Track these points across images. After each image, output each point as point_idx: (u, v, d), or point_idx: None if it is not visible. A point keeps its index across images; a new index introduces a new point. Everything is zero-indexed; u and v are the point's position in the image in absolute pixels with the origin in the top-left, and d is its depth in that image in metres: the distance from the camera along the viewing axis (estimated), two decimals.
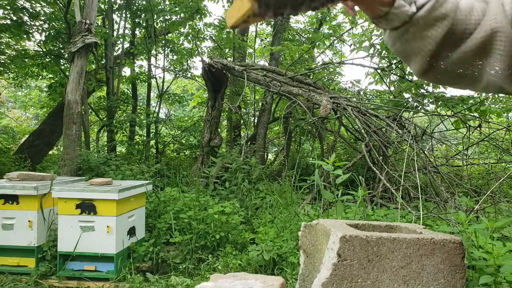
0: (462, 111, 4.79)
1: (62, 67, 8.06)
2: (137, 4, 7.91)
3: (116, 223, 3.07)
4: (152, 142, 8.01)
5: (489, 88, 0.84)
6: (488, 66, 0.80)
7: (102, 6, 8.03)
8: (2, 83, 13.90)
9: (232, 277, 1.54)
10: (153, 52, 8.69)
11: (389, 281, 1.61)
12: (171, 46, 8.58)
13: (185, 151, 8.83)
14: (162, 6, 7.67)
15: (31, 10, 6.96)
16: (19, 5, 6.78)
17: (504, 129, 4.98)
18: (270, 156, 10.41)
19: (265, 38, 11.30)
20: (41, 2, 7.02)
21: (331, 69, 8.27)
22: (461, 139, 5.83)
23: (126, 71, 9.55)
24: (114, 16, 8.23)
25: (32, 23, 7.17)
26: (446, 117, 4.83)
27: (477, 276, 2.18)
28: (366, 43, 5.74)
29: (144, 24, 8.10)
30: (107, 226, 3.05)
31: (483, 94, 5.02)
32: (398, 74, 5.87)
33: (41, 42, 7.75)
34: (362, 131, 4.65)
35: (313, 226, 2.03)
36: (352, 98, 5.66)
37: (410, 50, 0.85)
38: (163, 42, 8.37)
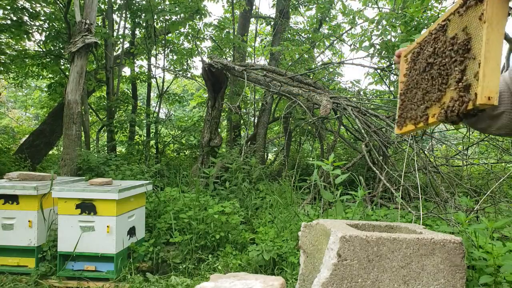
0: None
1: (62, 67, 8.06)
2: (137, 4, 7.91)
3: (116, 223, 3.07)
4: (152, 142, 8.00)
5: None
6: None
7: (102, 6, 8.03)
8: (2, 83, 13.90)
9: (232, 277, 1.54)
10: (153, 52, 8.69)
11: (389, 281, 1.61)
12: (171, 46, 8.58)
13: (185, 151, 8.83)
14: (162, 6, 7.67)
15: (31, 10, 6.95)
16: (19, 5, 6.77)
17: None
18: (270, 156, 10.41)
19: (265, 37, 11.30)
20: (41, 2, 7.01)
21: (331, 69, 8.27)
22: (461, 139, 5.83)
23: (126, 71, 9.56)
24: (114, 16, 8.23)
25: (32, 23, 7.17)
26: None
27: (477, 276, 2.18)
28: (366, 43, 5.73)
29: (144, 24, 8.10)
30: (107, 226, 3.05)
31: None
32: (398, 74, 5.86)
33: (41, 42, 7.75)
34: (362, 131, 4.65)
35: (313, 226, 2.03)
36: (352, 98, 5.66)
37: None
38: (163, 42, 8.37)
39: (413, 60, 1.30)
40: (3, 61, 7.70)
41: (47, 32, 7.31)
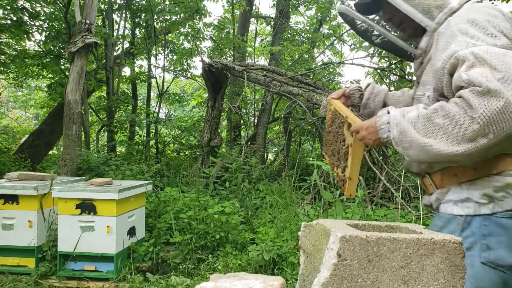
0: None
1: (62, 67, 8.05)
2: (137, 4, 7.91)
3: (116, 223, 3.06)
4: (152, 142, 8.00)
5: None
6: None
7: (102, 6, 8.02)
8: (2, 83, 13.90)
9: (232, 277, 1.53)
10: (153, 52, 8.68)
11: (389, 281, 1.60)
12: (171, 46, 8.58)
13: (185, 151, 8.82)
14: (162, 6, 7.66)
15: (31, 10, 6.95)
16: (19, 5, 6.77)
17: None
18: (270, 156, 10.41)
19: (265, 37, 11.30)
20: (41, 2, 7.01)
21: (331, 69, 8.27)
22: None
23: (126, 71, 9.55)
24: (114, 16, 8.23)
25: (32, 23, 7.17)
26: None
27: None
28: (366, 43, 5.73)
29: (144, 24, 8.10)
30: (107, 226, 3.05)
31: None
32: (398, 74, 5.87)
33: (41, 42, 7.75)
34: None
35: (313, 226, 2.03)
36: None
37: None
38: (163, 42, 8.37)
39: (332, 117, 1.54)
40: (3, 61, 7.70)
41: (47, 32, 7.31)
